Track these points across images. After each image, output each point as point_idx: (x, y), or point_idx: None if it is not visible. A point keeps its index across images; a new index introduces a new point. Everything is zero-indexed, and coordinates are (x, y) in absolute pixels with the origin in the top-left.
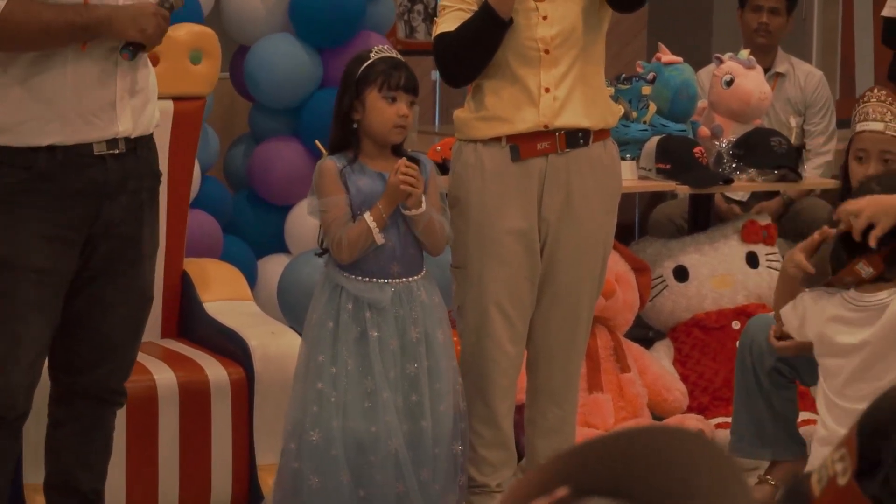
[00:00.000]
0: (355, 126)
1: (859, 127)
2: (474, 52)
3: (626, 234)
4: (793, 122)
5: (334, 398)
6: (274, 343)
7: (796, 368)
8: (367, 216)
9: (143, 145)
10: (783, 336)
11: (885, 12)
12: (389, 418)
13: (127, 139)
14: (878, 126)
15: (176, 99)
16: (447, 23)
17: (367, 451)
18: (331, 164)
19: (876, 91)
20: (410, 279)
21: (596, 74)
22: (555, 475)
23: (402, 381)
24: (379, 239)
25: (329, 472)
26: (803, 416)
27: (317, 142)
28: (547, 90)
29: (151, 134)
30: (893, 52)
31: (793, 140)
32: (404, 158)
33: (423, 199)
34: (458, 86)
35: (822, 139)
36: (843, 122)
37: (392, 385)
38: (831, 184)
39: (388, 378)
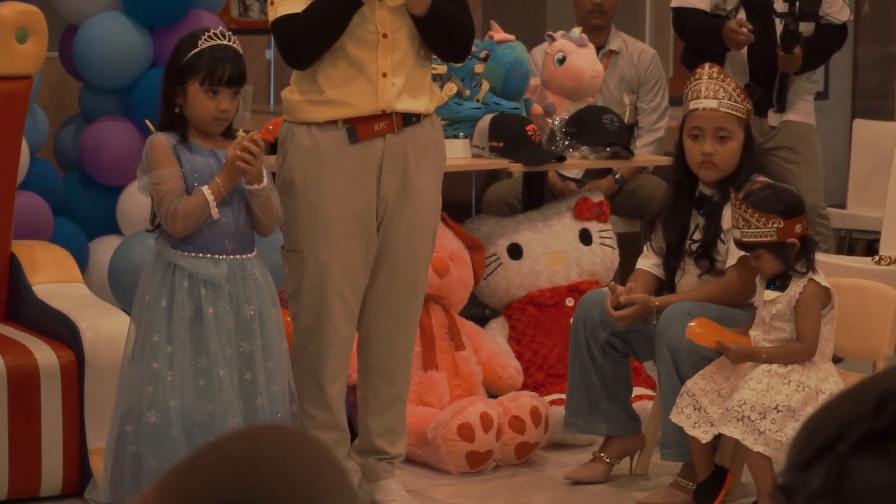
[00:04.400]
0: (178, 110)
1: (692, 105)
2: (325, 34)
3: (461, 213)
4: (626, 99)
5: (170, 377)
6: (105, 325)
7: (630, 343)
8: (206, 189)
9: None
10: (619, 306)
11: (674, 3)
12: (226, 396)
13: None
14: (712, 104)
15: (1, 79)
16: (288, 4)
17: (206, 431)
18: (163, 138)
19: (707, 68)
20: (244, 256)
21: (426, 59)
22: (160, 497)
23: (237, 359)
24: (215, 213)
25: (168, 453)
26: (637, 391)
27: (147, 121)
28: (384, 75)
29: None
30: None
31: (626, 118)
32: (252, 133)
33: (265, 173)
34: (302, 68)
35: (654, 116)
36: (678, 100)
37: (227, 363)
38: (662, 160)
39: (224, 356)
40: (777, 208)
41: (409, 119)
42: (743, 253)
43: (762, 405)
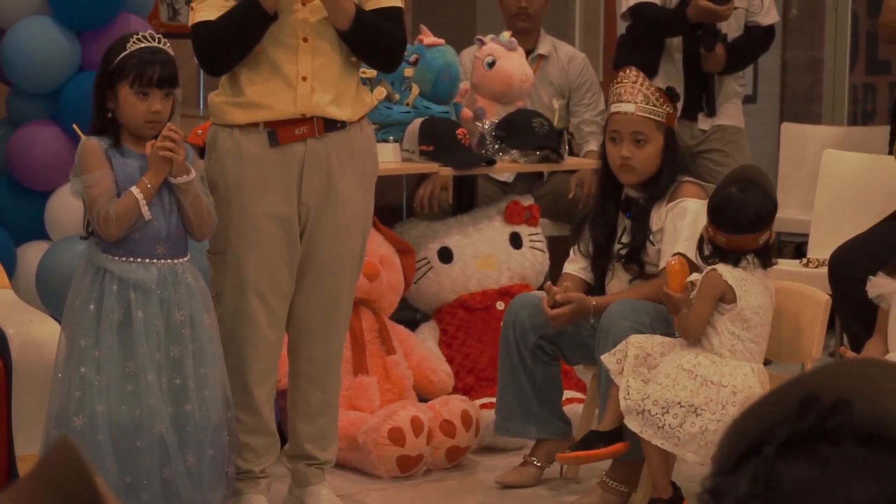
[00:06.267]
0: (110, 115)
1: (613, 108)
2: (237, 44)
3: (391, 217)
4: (555, 104)
5: (98, 382)
6: (33, 331)
7: (559, 346)
8: (135, 189)
9: None
10: (556, 305)
11: (631, 2)
12: (154, 401)
13: None
14: (630, 108)
15: None
16: (206, 11)
17: (133, 436)
18: (95, 142)
19: (628, 72)
20: (176, 261)
21: (353, 65)
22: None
23: (166, 364)
24: (146, 213)
25: (94, 458)
26: (568, 394)
27: (74, 126)
28: (304, 78)
29: None
30: (620, 41)
31: (555, 122)
32: (169, 123)
33: (190, 166)
34: (217, 74)
35: (597, 119)
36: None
37: (156, 368)
38: (591, 164)
39: (152, 360)
40: (710, 200)
41: (333, 124)
42: (679, 251)
43: (665, 400)
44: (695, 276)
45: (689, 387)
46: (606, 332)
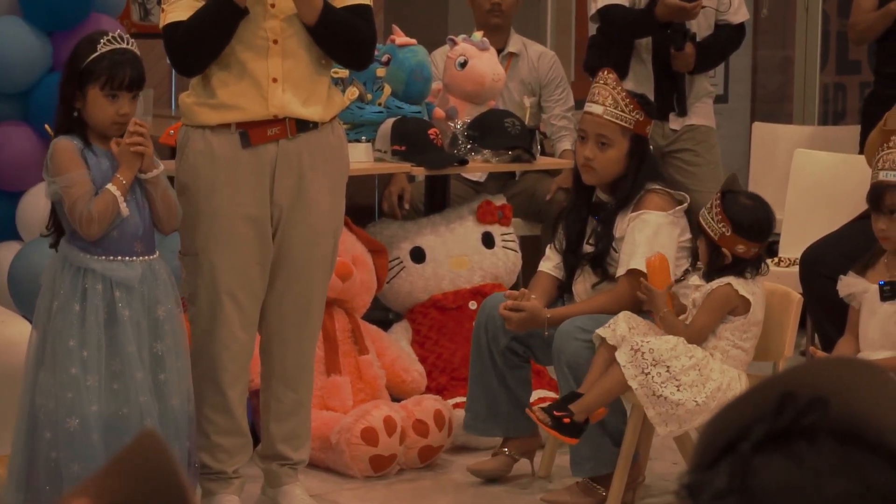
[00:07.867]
0: (76, 114)
1: (586, 107)
2: (209, 42)
3: (363, 217)
4: (526, 102)
5: (89, 382)
6: (4, 332)
7: (531, 347)
8: (111, 186)
9: None
10: (515, 309)
11: (600, 4)
12: (144, 398)
13: None
14: (598, 109)
15: None
16: (177, 12)
17: (120, 434)
18: (68, 142)
19: (605, 73)
20: (150, 258)
21: (324, 66)
22: (83, 494)
23: (150, 361)
24: (124, 210)
25: (90, 458)
26: (540, 393)
27: (47, 126)
28: (275, 80)
29: None
30: (591, 43)
31: (526, 120)
32: (133, 119)
33: (157, 159)
34: (191, 75)
35: (563, 110)
36: (579, 104)
37: (143, 365)
38: (564, 164)
39: (140, 358)
40: (734, 217)
41: (305, 125)
42: (634, 266)
43: (660, 355)
44: (695, 280)
45: (684, 361)
46: (558, 355)
